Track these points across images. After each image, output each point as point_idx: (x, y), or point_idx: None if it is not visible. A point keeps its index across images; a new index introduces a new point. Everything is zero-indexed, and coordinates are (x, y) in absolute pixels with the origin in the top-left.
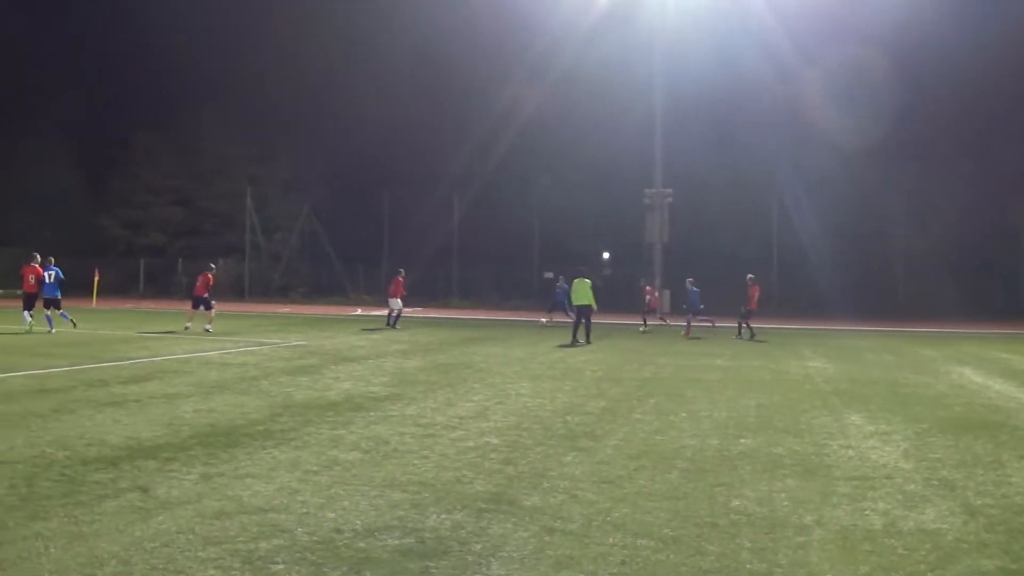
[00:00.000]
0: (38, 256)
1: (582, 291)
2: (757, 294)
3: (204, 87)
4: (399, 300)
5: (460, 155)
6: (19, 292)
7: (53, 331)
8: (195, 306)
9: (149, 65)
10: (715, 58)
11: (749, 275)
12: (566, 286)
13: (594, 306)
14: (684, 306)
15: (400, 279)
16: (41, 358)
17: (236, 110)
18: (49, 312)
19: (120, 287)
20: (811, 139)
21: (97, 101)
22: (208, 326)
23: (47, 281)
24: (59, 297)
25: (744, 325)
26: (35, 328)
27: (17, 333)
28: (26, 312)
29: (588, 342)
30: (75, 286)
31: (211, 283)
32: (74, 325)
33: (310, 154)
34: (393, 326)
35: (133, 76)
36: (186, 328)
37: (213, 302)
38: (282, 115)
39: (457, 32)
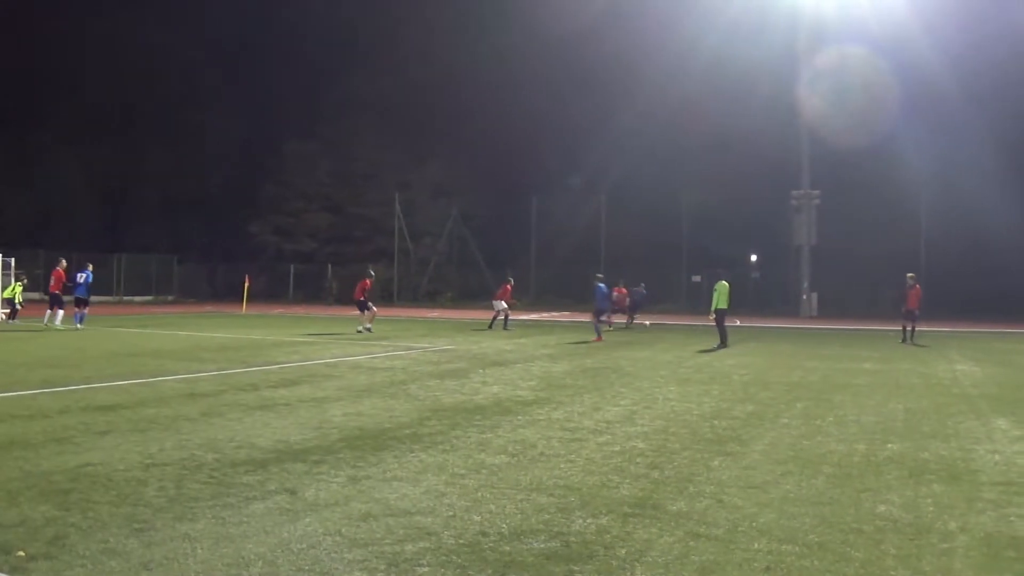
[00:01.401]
0: (63, 260)
1: (723, 294)
2: (918, 294)
3: (355, 95)
4: (503, 303)
5: (606, 158)
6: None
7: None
8: (360, 309)
9: (301, 72)
10: (863, 59)
11: (909, 274)
12: (603, 287)
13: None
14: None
15: (508, 286)
16: (191, 362)
17: (386, 117)
18: (80, 311)
19: (270, 292)
20: (959, 139)
21: (249, 107)
22: (368, 325)
23: (79, 282)
24: (86, 298)
25: (908, 328)
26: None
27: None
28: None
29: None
30: (228, 292)
31: (368, 288)
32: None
33: (458, 160)
34: (504, 327)
35: (286, 84)
36: (358, 331)
37: (371, 304)
38: (431, 122)
39: (602, 35)
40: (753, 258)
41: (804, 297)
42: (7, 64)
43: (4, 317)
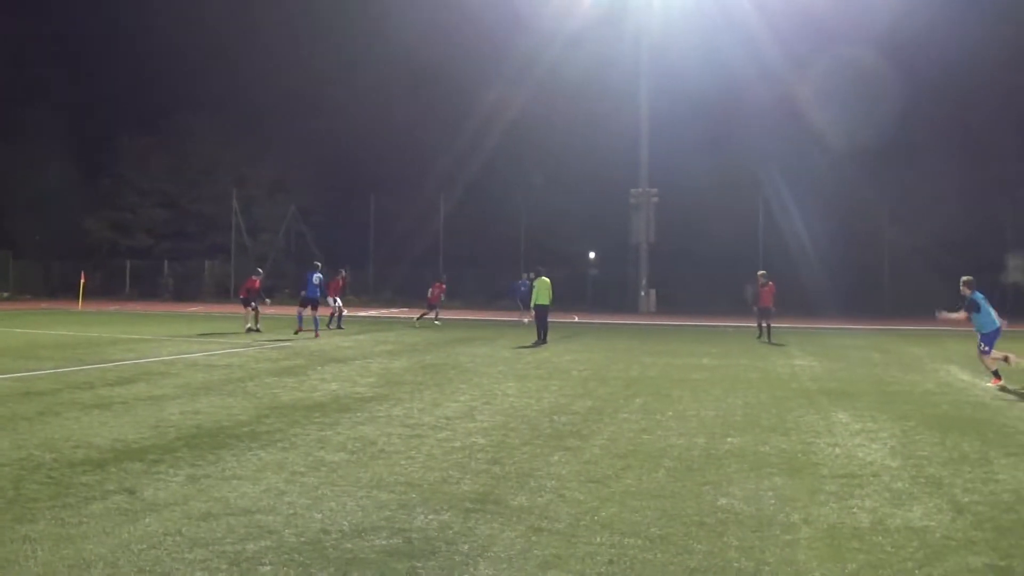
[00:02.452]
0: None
1: (543, 290)
2: (772, 292)
3: (192, 90)
4: (338, 299)
5: (446, 157)
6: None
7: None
8: (245, 306)
9: (137, 67)
10: (702, 58)
11: (760, 272)
12: (527, 283)
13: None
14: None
15: (341, 280)
16: (27, 360)
17: (223, 113)
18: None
19: (106, 289)
20: (798, 139)
21: (84, 103)
22: (258, 326)
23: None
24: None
25: (764, 325)
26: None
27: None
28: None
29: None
30: (64, 288)
31: (257, 287)
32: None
33: (296, 156)
34: (339, 326)
35: (121, 78)
36: (248, 329)
37: (255, 303)
38: (269, 118)
39: (443, 34)
40: (591, 255)
41: (642, 294)
42: None
43: None
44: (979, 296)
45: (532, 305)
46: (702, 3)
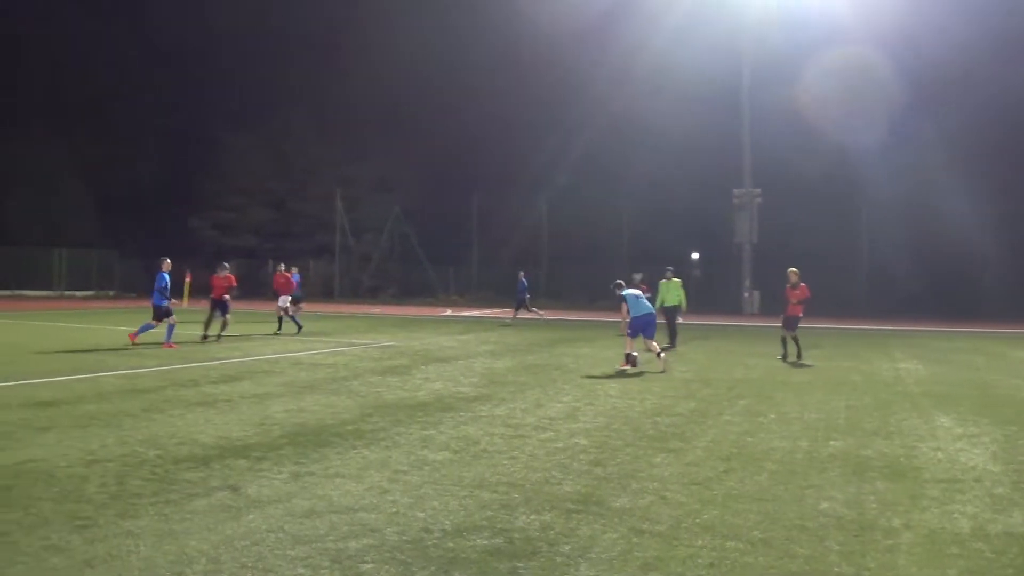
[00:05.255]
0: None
1: (672, 291)
2: (804, 295)
3: (297, 90)
4: (288, 297)
5: (548, 156)
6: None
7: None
8: (223, 312)
9: (243, 67)
10: (801, 56)
11: (792, 268)
12: (525, 282)
13: (683, 307)
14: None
15: (280, 275)
16: (132, 358)
17: (327, 113)
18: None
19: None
20: (901, 139)
21: (190, 102)
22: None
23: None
24: (159, 304)
25: (790, 337)
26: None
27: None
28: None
29: (674, 346)
30: (171, 288)
31: (234, 285)
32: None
33: (400, 156)
34: (280, 329)
35: (226, 78)
36: (206, 337)
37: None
38: (372, 118)
39: (545, 33)
40: (695, 256)
41: (746, 295)
42: None
43: None
44: None
45: (659, 306)
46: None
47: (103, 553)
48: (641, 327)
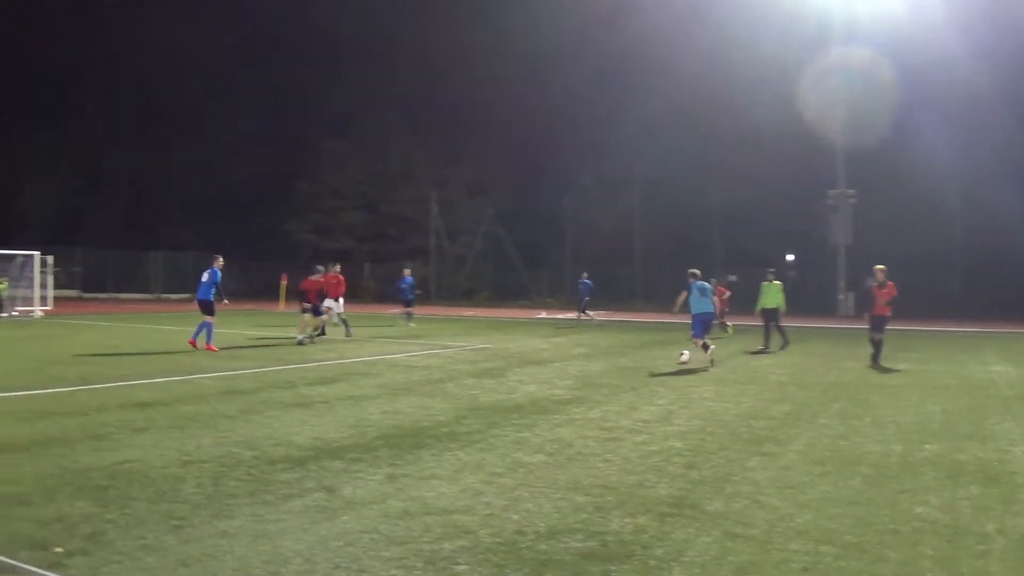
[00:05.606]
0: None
1: (772, 294)
2: (892, 294)
3: (390, 93)
4: (339, 301)
5: (640, 157)
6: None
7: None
8: (315, 313)
9: (336, 71)
10: (894, 54)
11: (879, 266)
12: (588, 283)
13: (782, 309)
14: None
15: (332, 276)
16: (228, 360)
17: (421, 116)
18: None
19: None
20: (994, 135)
21: (285, 107)
22: (309, 335)
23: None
24: (210, 300)
25: (877, 339)
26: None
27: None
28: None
29: (784, 346)
30: (265, 289)
31: (322, 288)
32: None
33: (494, 158)
34: (320, 334)
35: (320, 82)
36: (300, 341)
37: (323, 308)
38: (466, 120)
39: (636, 35)
40: (790, 258)
41: (841, 297)
42: (35, 62)
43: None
44: None
45: (758, 309)
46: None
47: (198, 553)
48: (698, 324)
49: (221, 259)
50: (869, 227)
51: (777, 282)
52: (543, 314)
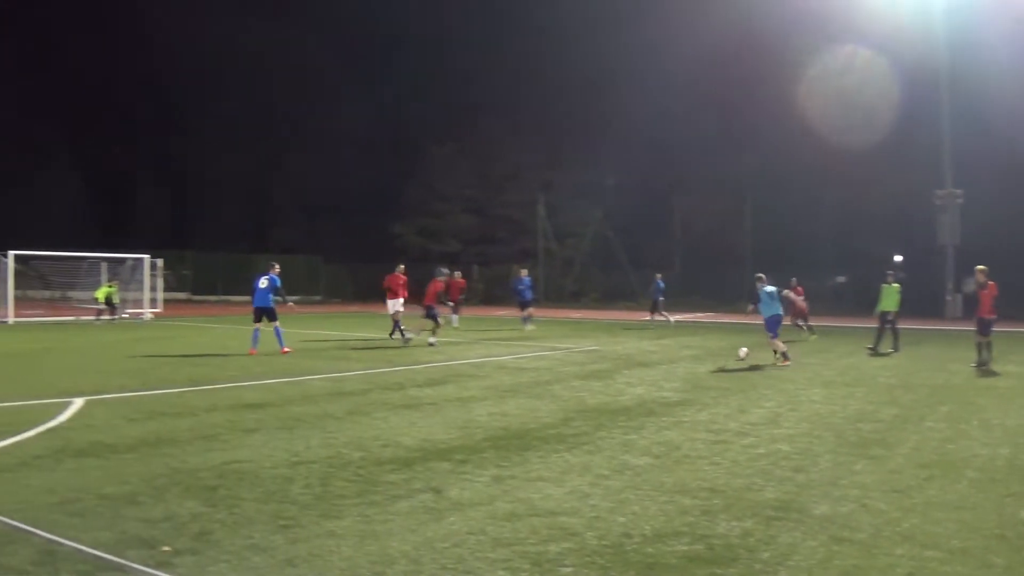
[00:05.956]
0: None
1: (891, 296)
2: (994, 295)
3: (497, 95)
4: (400, 301)
5: (748, 157)
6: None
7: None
8: (432, 317)
9: (443, 73)
10: (1003, 53)
11: (980, 267)
12: (661, 284)
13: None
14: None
15: (397, 276)
16: (338, 361)
17: (528, 118)
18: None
19: (413, 293)
20: None
21: (390, 113)
22: (432, 339)
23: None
24: (271, 306)
25: (985, 341)
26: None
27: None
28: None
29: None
30: (373, 292)
31: (441, 291)
32: None
33: (601, 160)
34: (393, 335)
35: (428, 85)
36: (431, 343)
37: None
38: (573, 121)
39: (743, 36)
40: (898, 258)
41: (949, 298)
42: (150, 74)
43: (109, 316)
44: None
45: (877, 311)
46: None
47: (305, 553)
48: (772, 324)
49: (278, 266)
50: (977, 227)
51: (896, 284)
52: (650, 316)
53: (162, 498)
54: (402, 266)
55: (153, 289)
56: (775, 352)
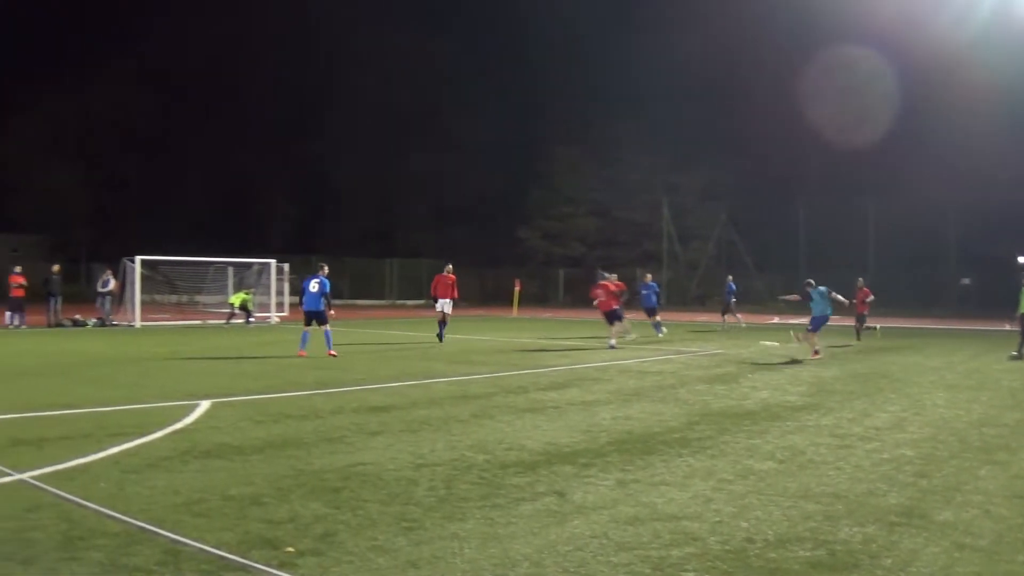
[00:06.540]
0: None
1: None
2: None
3: (622, 98)
4: (448, 302)
5: (872, 159)
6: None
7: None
8: (618, 319)
9: (568, 79)
10: None
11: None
12: (733, 286)
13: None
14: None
15: (450, 277)
16: (462, 365)
17: (652, 120)
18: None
19: (540, 296)
20: None
21: (516, 116)
22: (614, 341)
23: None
24: (321, 310)
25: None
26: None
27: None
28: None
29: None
30: (498, 295)
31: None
32: None
33: (725, 162)
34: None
35: (554, 89)
36: (611, 346)
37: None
38: (697, 124)
39: (864, 30)
40: (1021, 260)
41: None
42: (278, 77)
43: (241, 320)
44: None
45: (1019, 312)
46: None
47: (428, 555)
48: (817, 322)
49: (327, 267)
50: None
51: None
52: (775, 319)
53: (286, 499)
54: (450, 266)
55: (279, 293)
56: (810, 346)
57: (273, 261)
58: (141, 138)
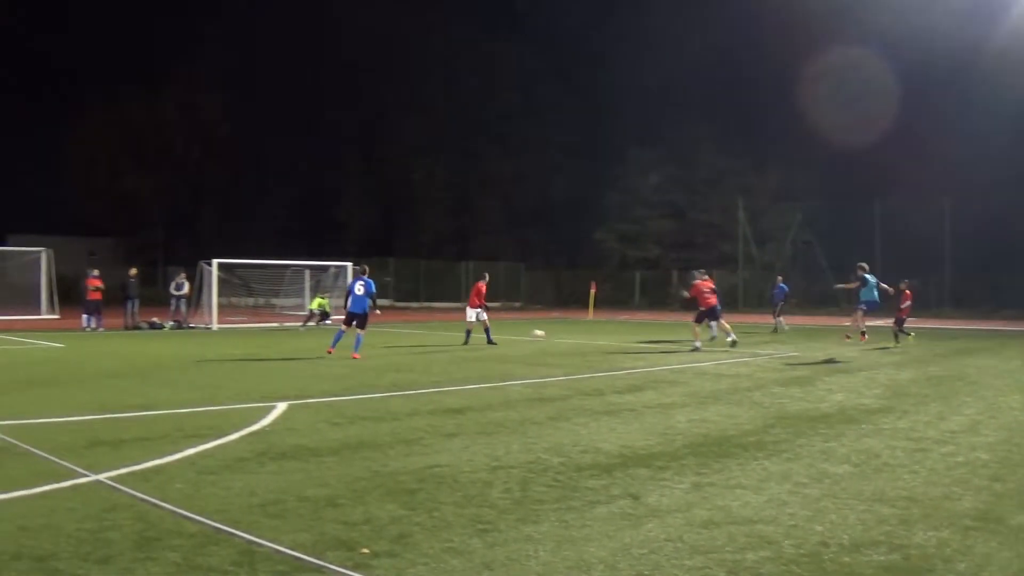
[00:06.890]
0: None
1: None
2: None
3: (697, 101)
4: (479, 311)
5: (951, 159)
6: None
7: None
8: (698, 320)
9: (643, 81)
10: None
11: None
12: (784, 287)
13: None
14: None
15: (481, 286)
16: (538, 367)
17: (728, 122)
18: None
19: (615, 299)
20: None
21: (591, 119)
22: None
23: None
24: (366, 313)
25: None
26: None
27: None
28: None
29: None
30: (573, 298)
31: (703, 290)
32: None
33: (801, 164)
34: (489, 340)
35: (632, 92)
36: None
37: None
38: (772, 125)
39: (946, 33)
40: None
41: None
42: (358, 82)
43: (316, 323)
44: None
45: None
46: None
47: (502, 557)
48: (870, 308)
49: (368, 269)
50: None
51: None
52: (850, 322)
53: (362, 501)
54: (487, 274)
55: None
56: (856, 325)
57: (349, 264)
58: (218, 142)
